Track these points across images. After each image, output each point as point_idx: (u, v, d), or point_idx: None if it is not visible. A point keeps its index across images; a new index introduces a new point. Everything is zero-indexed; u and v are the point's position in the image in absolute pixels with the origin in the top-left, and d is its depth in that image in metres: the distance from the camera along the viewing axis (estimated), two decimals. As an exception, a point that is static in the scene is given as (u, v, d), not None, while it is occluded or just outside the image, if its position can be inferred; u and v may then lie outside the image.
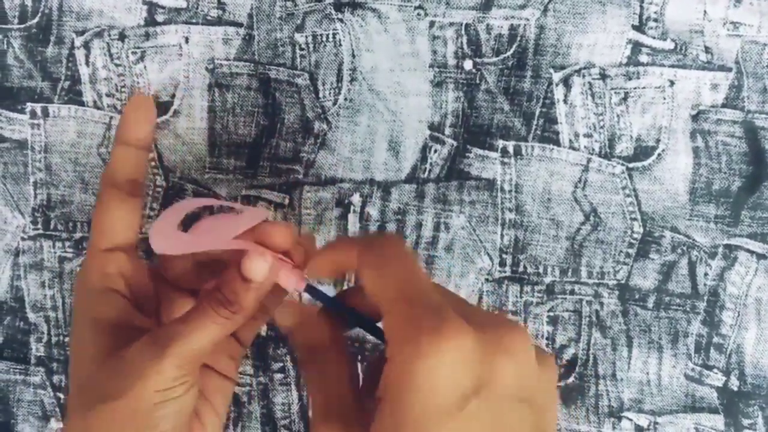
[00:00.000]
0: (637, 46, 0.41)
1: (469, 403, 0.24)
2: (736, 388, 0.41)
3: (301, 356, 0.30)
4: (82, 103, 0.42)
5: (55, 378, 0.43)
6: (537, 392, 0.26)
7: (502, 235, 0.41)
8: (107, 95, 0.42)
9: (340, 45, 0.41)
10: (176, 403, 0.31)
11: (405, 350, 0.24)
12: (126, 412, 0.30)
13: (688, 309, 0.41)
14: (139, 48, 0.42)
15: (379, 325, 0.28)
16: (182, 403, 0.31)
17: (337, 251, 0.30)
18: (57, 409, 0.43)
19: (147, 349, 0.31)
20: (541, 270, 0.41)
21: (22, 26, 0.42)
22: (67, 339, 0.43)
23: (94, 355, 0.33)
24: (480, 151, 0.41)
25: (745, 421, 0.41)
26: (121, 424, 0.30)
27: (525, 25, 0.41)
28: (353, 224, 0.42)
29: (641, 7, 0.41)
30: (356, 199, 0.42)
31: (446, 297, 0.27)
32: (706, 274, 0.41)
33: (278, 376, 0.42)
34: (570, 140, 0.41)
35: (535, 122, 0.41)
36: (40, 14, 0.42)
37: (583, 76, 0.41)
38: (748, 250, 0.41)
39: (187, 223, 0.35)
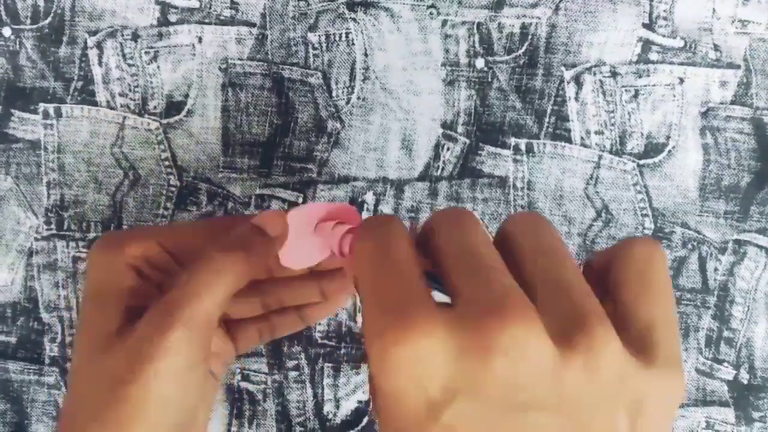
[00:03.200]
0: (647, 44, 0.41)
1: (444, 411, 0.20)
2: (746, 382, 0.42)
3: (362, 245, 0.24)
4: (95, 103, 0.42)
5: (69, 378, 0.43)
6: (543, 394, 0.20)
7: (514, 232, 0.42)
8: (120, 95, 0.42)
9: (353, 44, 0.42)
10: (192, 389, 0.28)
11: (371, 353, 0.21)
12: (138, 401, 0.27)
13: (698, 304, 0.42)
14: (152, 48, 0.42)
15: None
16: (197, 390, 0.29)
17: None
18: (71, 409, 0.43)
19: (153, 320, 0.27)
20: (553, 266, 0.42)
21: (35, 26, 0.42)
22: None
23: (105, 335, 0.29)
24: (492, 149, 0.42)
25: (756, 414, 0.42)
26: (132, 414, 0.27)
27: (536, 23, 0.41)
28: (367, 222, 0.42)
29: (651, 5, 0.41)
30: (370, 197, 0.42)
31: (459, 270, 0.22)
32: (716, 269, 0.42)
33: (293, 373, 0.43)
34: (581, 137, 0.41)
35: (546, 120, 0.41)
36: (52, 14, 0.42)
37: (594, 74, 0.41)
38: (757, 245, 0.42)
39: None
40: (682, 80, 0.41)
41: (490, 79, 0.42)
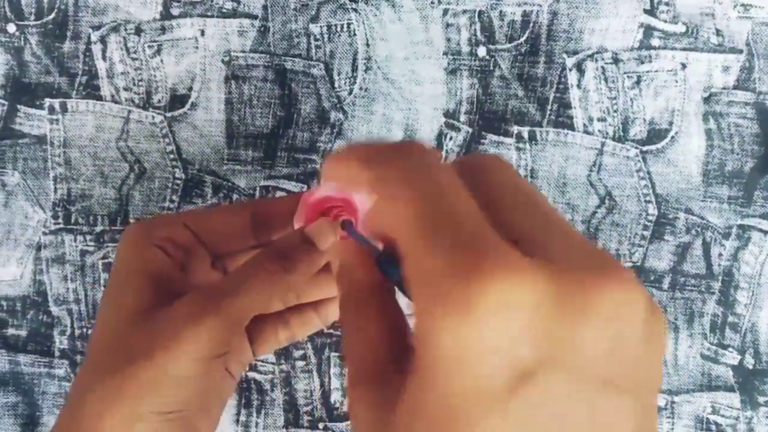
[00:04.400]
0: (648, 30, 0.41)
1: (528, 384, 0.16)
2: (751, 366, 0.42)
3: (342, 300, 0.24)
4: (100, 98, 0.42)
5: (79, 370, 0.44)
6: (639, 373, 0.17)
7: (518, 220, 0.42)
8: (125, 89, 0.42)
9: (355, 35, 0.42)
10: (210, 376, 0.28)
11: (431, 304, 0.16)
12: (155, 376, 0.27)
13: (703, 289, 0.42)
14: (155, 42, 0.42)
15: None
16: (215, 379, 0.29)
17: (345, 166, 0.22)
18: (82, 401, 0.44)
19: (190, 306, 0.27)
20: (557, 253, 0.42)
21: (39, 22, 0.42)
22: (90, 332, 0.43)
23: (131, 310, 0.29)
24: (495, 137, 0.42)
25: (761, 399, 0.42)
26: (147, 388, 0.27)
27: (538, 11, 0.41)
28: (371, 212, 0.42)
29: (652, -9, 0.41)
30: (373, 187, 0.42)
31: (520, 216, 0.19)
32: (720, 255, 0.42)
33: (300, 363, 0.43)
34: (584, 124, 0.42)
35: (549, 107, 0.42)
36: (56, 10, 0.42)
37: (596, 60, 0.41)
38: (761, 230, 0.42)
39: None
40: (684, 66, 0.41)
41: (492, 68, 0.42)
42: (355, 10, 0.42)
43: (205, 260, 0.33)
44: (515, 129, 0.42)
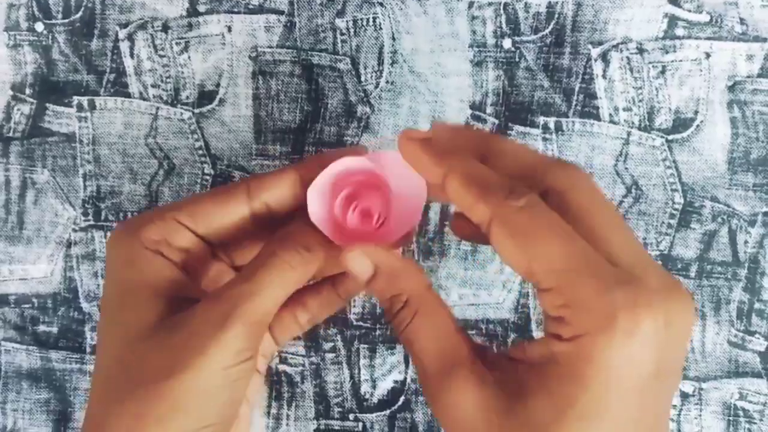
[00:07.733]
0: (673, 20, 0.41)
1: (650, 384, 0.23)
2: (778, 352, 0.42)
3: (391, 309, 0.26)
4: (128, 95, 0.43)
5: (111, 365, 0.44)
6: (683, 359, 0.26)
7: (545, 211, 0.42)
8: (153, 86, 0.43)
9: (381, 28, 0.42)
10: (239, 384, 0.27)
11: (599, 329, 0.22)
12: (180, 395, 0.25)
13: (729, 276, 0.42)
14: (182, 38, 0.42)
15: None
16: (243, 385, 0.27)
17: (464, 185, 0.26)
18: (114, 396, 0.44)
19: (210, 315, 0.26)
20: (584, 243, 0.42)
21: (66, 21, 0.43)
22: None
23: (142, 326, 0.27)
24: (521, 128, 0.42)
25: (789, 384, 0.42)
26: (173, 408, 0.25)
27: (562, 2, 0.42)
28: (399, 205, 0.42)
29: (676, -20, 0.41)
30: (401, 179, 0.42)
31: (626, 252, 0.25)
32: (746, 242, 0.42)
33: (329, 355, 0.43)
34: (610, 114, 0.42)
35: (575, 98, 0.42)
36: (83, 8, 0.43)
37: (621, 51, 0.42)
38: (786, 217, 0.42)
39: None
40: (708, 55, 0.41)
41: (517, 59, 0.42)
42: (380, 4, 0.42)
43: (208, 254, 0.31)
44: (541, 120, 0.42)
